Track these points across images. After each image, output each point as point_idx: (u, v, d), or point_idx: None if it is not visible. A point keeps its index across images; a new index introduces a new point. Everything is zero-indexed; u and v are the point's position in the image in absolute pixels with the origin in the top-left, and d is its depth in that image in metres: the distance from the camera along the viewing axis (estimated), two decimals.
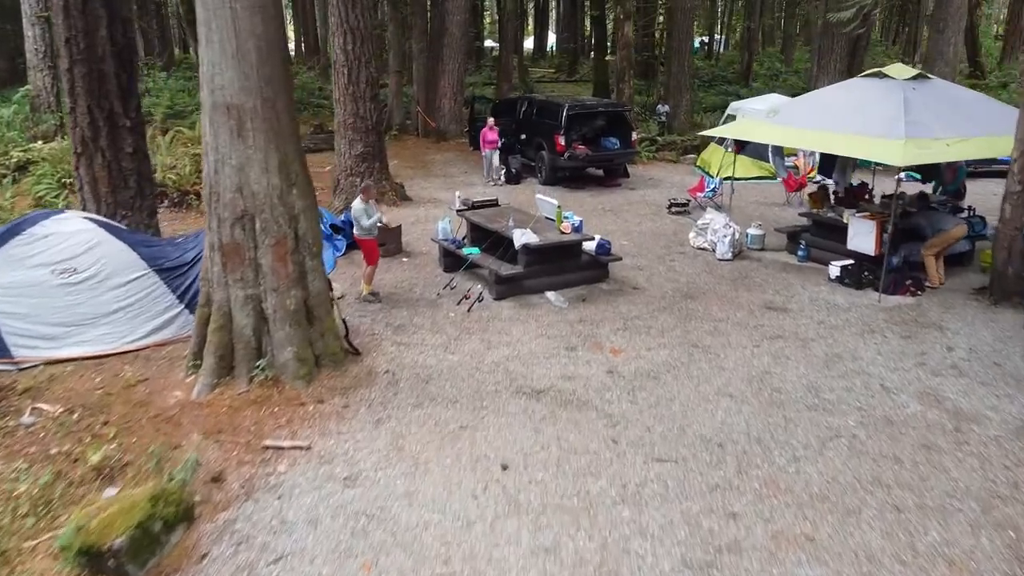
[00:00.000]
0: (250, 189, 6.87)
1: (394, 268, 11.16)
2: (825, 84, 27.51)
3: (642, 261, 11.30)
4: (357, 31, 14.21)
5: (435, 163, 20.00)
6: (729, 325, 8.73)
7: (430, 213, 14.64)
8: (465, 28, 21.66)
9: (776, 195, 15.86)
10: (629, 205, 15.11)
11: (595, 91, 32.40)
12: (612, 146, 16.99)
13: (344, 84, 14.49)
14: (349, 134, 14.77)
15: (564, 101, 17.00)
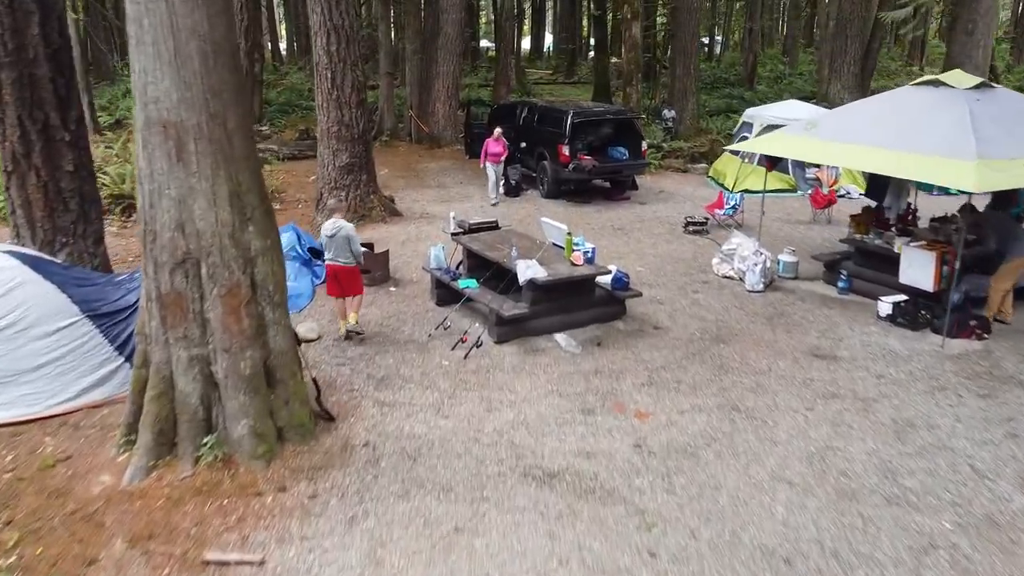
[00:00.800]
0: (194, 227, 5.51)
1: (381, 300, 9.81)
2: (838, 88, 26.40)
3: (661, 292, 9.98)
4: (341, 30, 12.86)
5: (428, 172, 18.64)
6: (773, 379, 7.41)
7: (422, 231, 13.30)
8: (461, 28, 20.33)
9: (800, 211, 14.56)
10: (640, 223, 13.78)
11: (595, 94, 31.07)
12: (620, 156, 15.66)
13: (327, 89, 13.13)
14: (333, 143, 13.41)
15: (568, 107, 15.66)
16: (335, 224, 8.49)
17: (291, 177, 17.60)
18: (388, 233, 13.20)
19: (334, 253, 8.46)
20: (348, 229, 8.39)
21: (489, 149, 15.03)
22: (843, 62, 25.65)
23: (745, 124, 17.20)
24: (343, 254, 8.45)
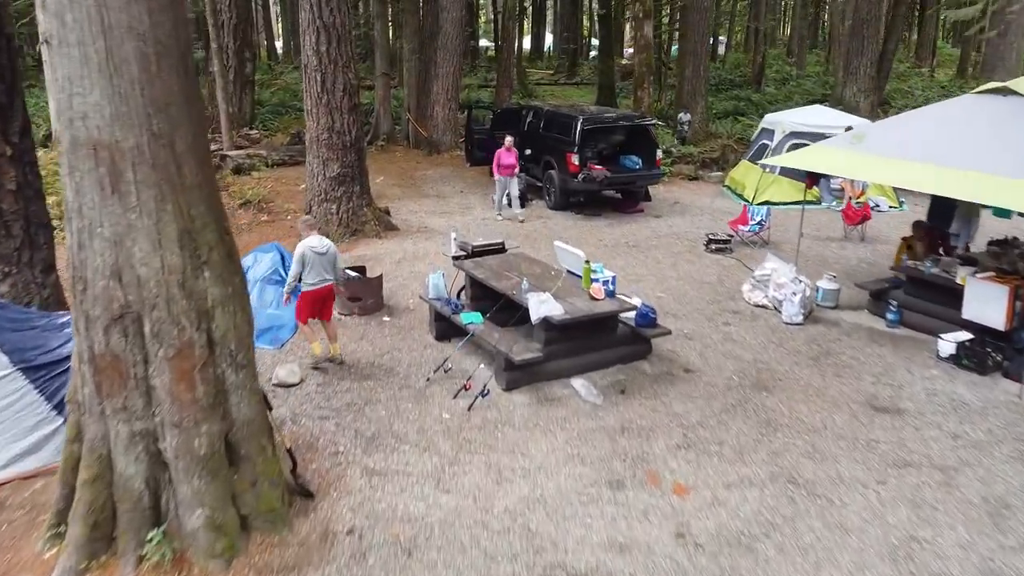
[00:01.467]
0: (134, 273, 4.41)
1: (373, 332, 8.71)
2: (853, 90, 25.30)
3: (688, 324, 8.89)
4: (332, 29, 11.76)
5: (427, 180, 17.54)
6: (830, 439, 6.32)
7: (420, 248, 12.19)
8: (462, 26, 19.23)
9: (828, 226, 13.48)
10: (657, 239, 12.68)
11: (600, 96, 29.96)
12: (634, 166, 14.56)
13: (317, 92, 12.03)
14: (323, 152, 12.31)
15: (577, 112, 14.56)
16: (323, 240, 7.52)
17: (280, 185, 16.48)
18: (383, 250, 12.11)
19: (321, 273, 7.48)
20: (333, 247, 7.76)
21: (501, 160, 13.60)
22: (859, 64, 24.61)
23: (765, 131, 16.11)
24: (330, 272, 7.62)
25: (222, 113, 17.76)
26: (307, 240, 7.48)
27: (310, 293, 7.54)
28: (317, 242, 7.50)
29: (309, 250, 7.41)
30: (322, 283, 7.56)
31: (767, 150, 15.44)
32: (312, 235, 7.55)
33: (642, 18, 17.15)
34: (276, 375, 7.30)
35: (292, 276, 7.45)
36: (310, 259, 7.42)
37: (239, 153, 17.13)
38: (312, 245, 7.44)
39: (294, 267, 7.42)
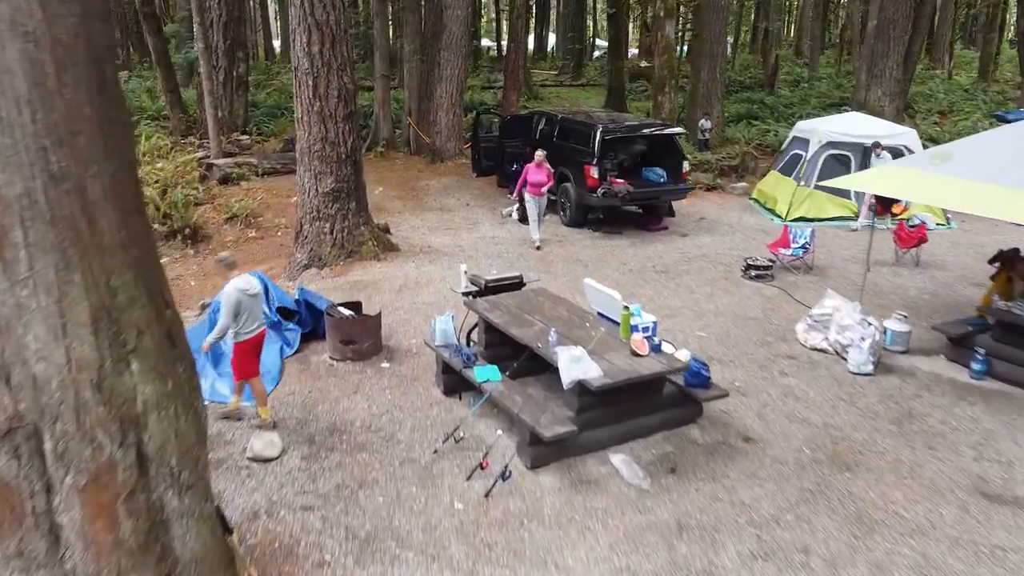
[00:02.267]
0: (27, 372, 3.13)
1: (369, 383, 7.42)
2: (878, 94, 23.97)
3: (738, 373, 7.60)
4: (326, 28, 10.47)
5: (429, 191, 16.24)
6: (943, 545, 5.03)
7: (423, 272, 10.90)
8: (467, 25, 17.95)
9: (877, 248, 12.15)
10: (688, 263, 11.39)
11: (609, 99, 28.72)
12: (658, 179, 13.27)
13: (308, 98, 10.74)
14: (315, 165, 11.01)
15: (596, 120, 13.26)
16: (250, 280, 6.34)
17: (271, 197, 15.20)
18: (381, 274, 10.82)
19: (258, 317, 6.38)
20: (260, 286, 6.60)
21: (529, 177, 11.74)
22: (885, 66, 23.39)
23: (797, 140, 14.82)
24: (258, 315, 6.43)
25: (209, 118, 16.48)
26: (236, 283, 6.19)
27: (251, 342, 6.31)
28: (246, 283, 6.26)
29: (242, 294, 6.14)
30: (259, 329, 6.38)
31: (801, 161, 14.17)
32: (237, 275, 6.32)
33: (663, 17, 15.86)
34: (251, 447, 6.02)
35: (222, 327, 6.16)
36: (246, 305, 6.17)
37: (227, 162, 15.84)
38: (243, 287, 6.18)
39: (226, 317, 6.11)
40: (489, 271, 8.13)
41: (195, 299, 10.64)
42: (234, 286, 6.13)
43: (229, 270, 6.36)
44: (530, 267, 11.09)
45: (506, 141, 14.67)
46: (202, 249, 12.96)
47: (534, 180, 11.72)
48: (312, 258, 11.17)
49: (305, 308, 8.46)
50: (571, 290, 10.02)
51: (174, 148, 18.25)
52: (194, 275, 11.84)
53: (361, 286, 10.37)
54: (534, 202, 11.85)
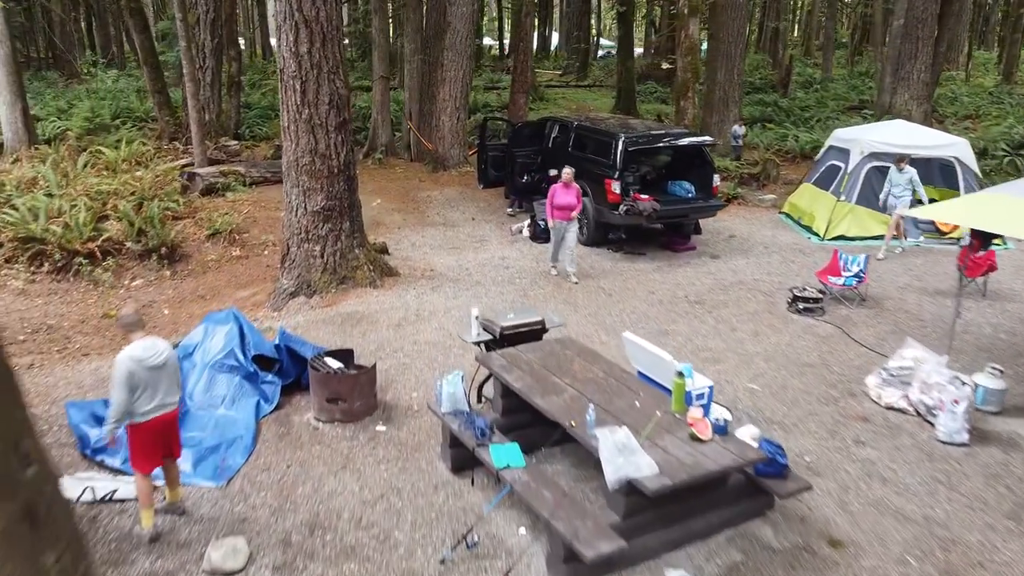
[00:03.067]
0: None
1: (360, 455, 6.14)
2: (905, 98, 22.61)
3: (805, 442, 6.32)
4: (315, 25, 9.19)
5: (431, 203, 14.96)
6: None
7: (424, 303, 9.62)
8: (473, 24, 16.65)
9: (931, 272, 10.91)
10: (724, 291, 10.10)
11: (619, 101, 27.44)
12: (685, 194, 11.98)
13: (296, 105, 9.46)
14: (304, 180, 9.74)
15: (618, 129, 11.96)
16: (156, 344, 4.92)
17: (259, 210, 13.92)
18: (377, 305, 9.54)
19: (160, 395, 4.95)
20: (173, 351, 5.10)
21: (556, 200, 10.20)
22: (912, 68, 22.11)
23: (835, 150, 13.54)
24: (174, 391, 5.05)
25: (193, 123, 15.19)
26: (130, 350, 4.83)
27: (147, 426, 4.93)
28: (145, 350, 4.86)
29: (137, 365, 4.80)
30: (162, 409, 4.97)
31: (840, 174, 12.89)
32: (139, 337, 4.92)
33: (687, 15, 14.54)
34: (209, 559, 4.73)
35: (117, 408, 4.84)
36: (142, 378, 4.83)
37: (211, 171, 14.55)
38: (139, 356, 4.82)
39: (119, 393, 4.80)
40: (505, 315, 6.84)
41: (164, 334, 9.37)
42: (127, 354, 4.80)
43: (128, 332, 4.95)
44: (546, 296, 9.82)
45: (516, 150, 13.37)
46: (180, 270, 11.71)
47: (562, 203, 10.12)
48: (300, 285, 9.90)
49: (287, 355, 7.19)
50: (596, 326, 8.75)
51: (157, 154, 17.03)
52: (169, 302, 10.58)
53: (354, 320, 9.10)
54: (561, 228, 10.26)
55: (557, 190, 10.18)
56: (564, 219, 10.17)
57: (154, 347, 4.88)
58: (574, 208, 10.12)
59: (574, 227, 10.29)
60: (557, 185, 10.22)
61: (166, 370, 4.92)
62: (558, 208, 10.16)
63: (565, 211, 10.13)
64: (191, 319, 9.86)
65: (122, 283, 11.29)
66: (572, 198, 10.14)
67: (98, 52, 35.50)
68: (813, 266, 11.09)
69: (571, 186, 10.19)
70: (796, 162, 20.53)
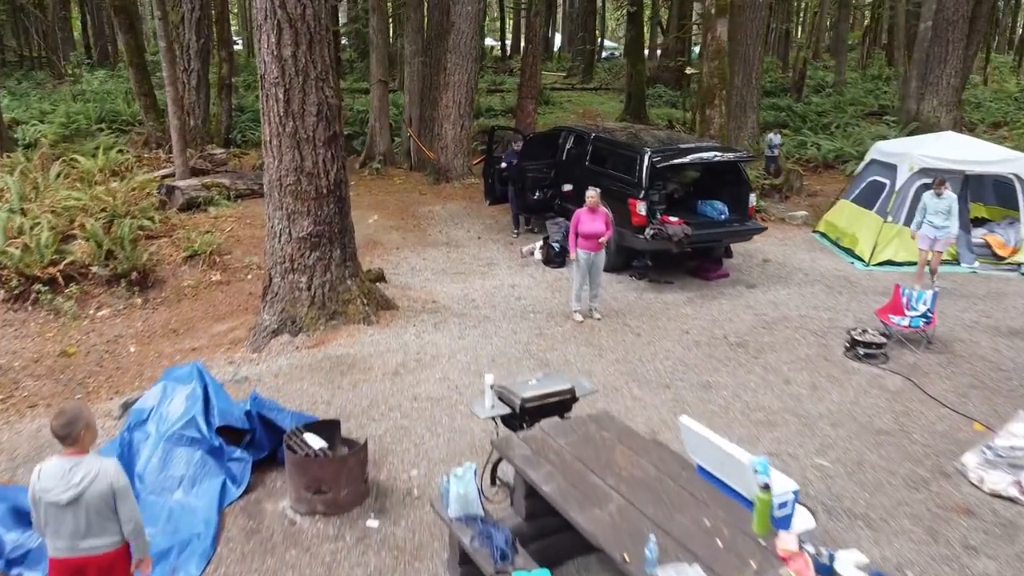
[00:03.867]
0: None
1: (345, 565, 4.88)
2: (933, 104, 21.30)
3: (900, 545, 5.06)
4: (301, 25, 7.95)
5: (433, 219, 13.70)
6: None
7: (426, 345, 8.37)
8: (478, 23, 15.38)
9: (1001, 307, 9.65)
10: (768, 330, 8.84)
11: (628, 106, 26.20)
12: (717, 215, 10.73)
13: (279, 116, 8.21)
14: (288, 202, 8.49)
15: (642, 142, 10.69)
16: (71, 473, 3.54)
17: (243, 227, 12.66)
18: (372, 347, 8.29)
19: (73, 537, 3.59)
20: (109, 474, 3.57)
21: (582, 227, 8.69)
22: (942, 73, 20.98)
23: (878, 164, 12.29)
24: (100, 530, 3.62)
25: (174, 131, 13.92)
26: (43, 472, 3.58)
27: (61, 565, 3.65)
28: (52, 477, 3.55)
29: (42, 494, 3.55)
30: (79, 551, 3.62)
31: (885, 192, 11.66)
32: (57, 456, 3.63)
33: (714, 16, 13.26)
34: None
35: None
36: (48, 512, 3.57)
37: (192, 184, 13.28)
38: (42, 485, 3.57)
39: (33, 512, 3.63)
40: (525, 382, 5.59)
41: (128, 379, 8.13)
42: (34, 483, 3.57)
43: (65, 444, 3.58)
44: (565, 336, 8.57)
45: (527, 164, 12.11)
46: (153, 298, 10.47)
47: (589, 231, 8.66)
48: (284, 321, 8.65)
49: (260, 424, 5.94)
50: (626, 376, 7.50)
51: (139, 163, 15.79)
52: (136, 337, 9.33)
53: (344, 365, 7.86)
54: (587, 261, 8.79)
55: (582, 216, 8.75)
56: (592, 250, 8.73)
57: (67, 476, 3.52)
58: (603, 236, 8.73)
59: (602, 258, 8.95)
60: (581, 210, 8.80)
61: (80, 509, 3.54)
62: (584, 237, 8.69)
63: (592, 240, 8.70)
64: (159, 360, 8.63)
65: (86, 313, 10.06)
66: (600, 224, 8.72)
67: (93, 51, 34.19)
68: (863, 298, 9.87)
69: (598, 211, 8.76)
70: (819, 172, 19.30)
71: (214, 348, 8.84)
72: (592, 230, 8.68)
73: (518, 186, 12.07)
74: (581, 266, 8.88)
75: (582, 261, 8.85)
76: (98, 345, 9.22)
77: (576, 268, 8.95)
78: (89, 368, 8.59)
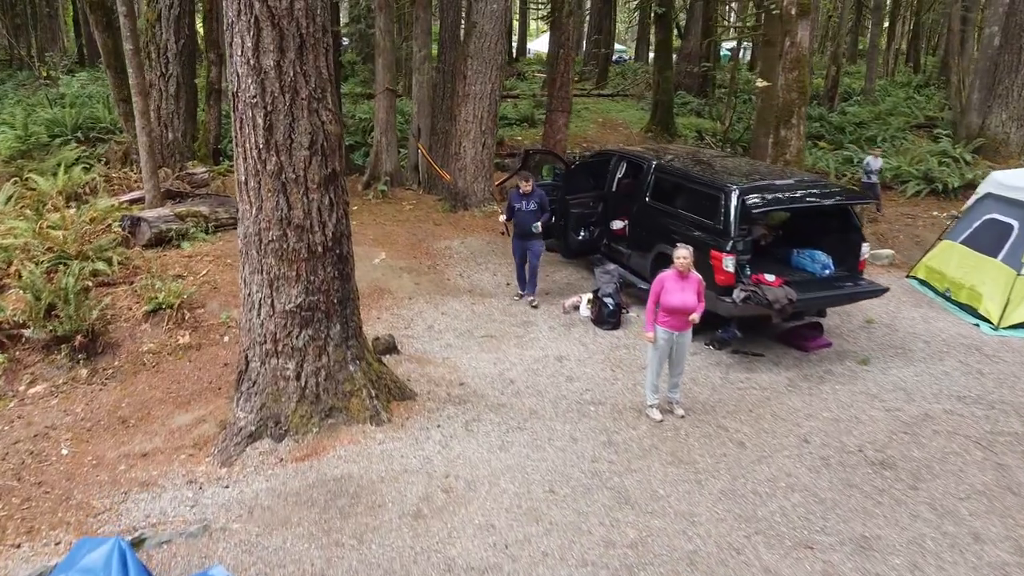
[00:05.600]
0: None
1: None
2: (1002, 119, 19.08)
3: None
4: (288, 24, 5.72)
5: (451, 259, 11.44)
6: None
7: (454, 461, 6.13)
8: (503, 24, 13.13)
9: None
10: (912, 438, 6.58)
11: (655, 114, 23.97)
12: (821, 270, 8.47)
13: (256, 149, 5.97)
14: (270, 264, 6.25)
15: (726, 177, 8.42)
16: None
17: (222, 269, 10.37)
18: (382, 465, 6.06)
19: None
20: None
21: (667, 298, 6.47)
22: (1012, 83, 18.80)
23: (995, 199, 10.05)
24: None
25: (142, 149, 11.66)
26: None
27: None
28: None
29: None
30: None
31: (1015, 236, 9.43)
32: None
33: (795, 17, 11.04)
34: None
35: None
36: None
37: (162, 214, 11.00)
38: None
39: None
40: None
41: (48, 507, 5.88)
42: None
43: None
44: (641, 442, 6.35)
45: (571, 197, 9.87)
46: (102, 368, 8.27)
47: (677, 303, 6.44)
48: (264, 421, 6.42)
49: None
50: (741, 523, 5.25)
51: (107, 183, 13.57)
52: (73, 430, 7.12)
53: (345, 496, 5.65)
54: (668, 343, 6.60)
55: (668, 282, 6.50)
56: (678, 329, 6.56)
57: None
58: (694, 311, 6.49)
59: (689, 338, 6.72)
60: (667, 274, 6.53)
61: None
62: (670, 312, 6.50)
63: (680, 317, 6.49)
64: (96, 472, 6.42)
65: (15, 389, 7.87)
66: (691, 296, 6.47)
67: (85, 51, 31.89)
68: (1014, 379, 7.64)
69: (689, 276, 6.53)
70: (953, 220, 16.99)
71: (171, 454, 6.61)
72: (681, 303, 6.43)
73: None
74: (660, 348, 6.63)
75: (662, 342, 6.60)
76: (22, 442, 7.00)
77: (654, 351, 6.69)
78: (3, 484, 6.37)
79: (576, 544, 5.14)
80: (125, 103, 15.61)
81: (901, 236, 13.51)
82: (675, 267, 6.44)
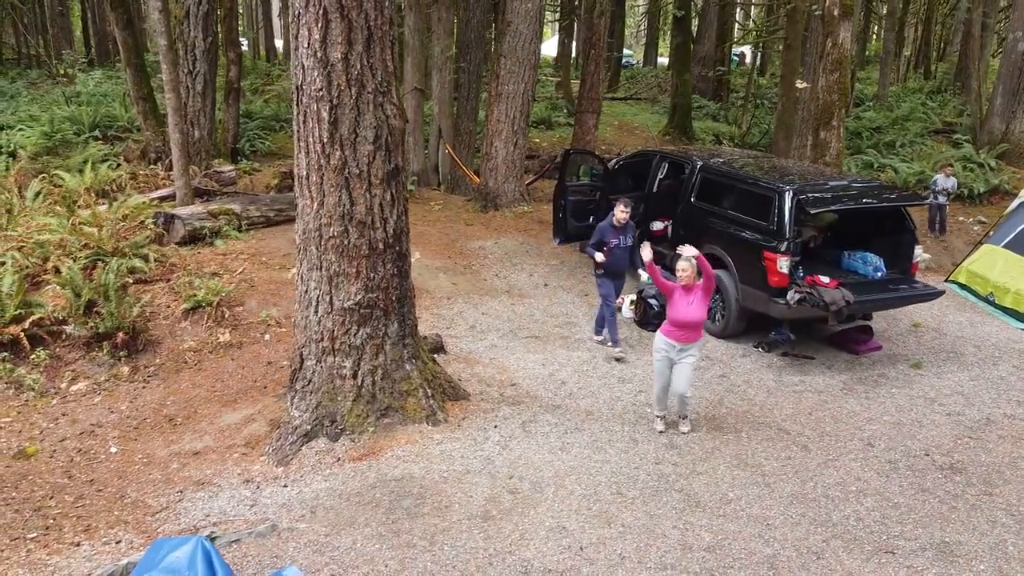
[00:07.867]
0: None
1: None
2: None
3: None
4: (357, 17, 5.65)
5: (486, 259, 11.34)
6: None
7: (517, 462, 6.03)
8: (540, 24, 13.06)
9: None
10: (977, 442, 6.49)
11: (673, 118, 23.90)
12: (873, 272, 8.37)
13: (321, 143, 5.88)
14: (331, 260, 6.16)
15: (779, 177, 8.33)
16: None
17: (259, 267, 10.28)
18: (443, 465, 5.95)
19: None
20: None
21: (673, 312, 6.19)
22: None
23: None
24: None
25: (175, 146, 11.57)
26: None
27: None
28: None
29: None
30: None
31: None
32: None
33: (838, 18, 10.96)
34: None
35: None
36: None
37: (196, 211, 10.93)
38: None
39: None
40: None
41: (103, 505, 5.76)
42: None
43: None
44: (704, 448, 6.23)
45: (613, 197, 9.79)
46: (144, 366, 8.17)
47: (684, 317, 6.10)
48: (320, 421, 6.33)
49: None
50: (822, 529, 5.13)
51: (134, 180, 13.47)
52: (119, 427, 7.02)
53: (409, 497, 5.54)
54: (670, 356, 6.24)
55: (675, 295, 6.16)
56: (685, 341, 6.20)
57: None
58: (701, 323, 6.20)
59: (694, 355, 6.31)
60: (675, 285, 6.20)
61: None
62: (677, 326, 6.17)
63: (688, 332, 6.16)
64: (148, 471, 6.31)
65: (57, 387, 7.77)
66: (700, 310, 6.10)
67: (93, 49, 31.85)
68: None
69: (694, 288, 6.12)
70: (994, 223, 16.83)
71: (223, 453, 6.51)
72: (689, 317, 6.11)
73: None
74: (660, 361, 6.29)
75: (662, 354, 6.27)
76: (69, 440, 6.90)
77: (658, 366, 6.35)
78: (54, 481, 6.26)
79: (652, 547, 5.04)
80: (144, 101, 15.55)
81: (928, 241, 13.42)
82: (680, 280, 6.17)
